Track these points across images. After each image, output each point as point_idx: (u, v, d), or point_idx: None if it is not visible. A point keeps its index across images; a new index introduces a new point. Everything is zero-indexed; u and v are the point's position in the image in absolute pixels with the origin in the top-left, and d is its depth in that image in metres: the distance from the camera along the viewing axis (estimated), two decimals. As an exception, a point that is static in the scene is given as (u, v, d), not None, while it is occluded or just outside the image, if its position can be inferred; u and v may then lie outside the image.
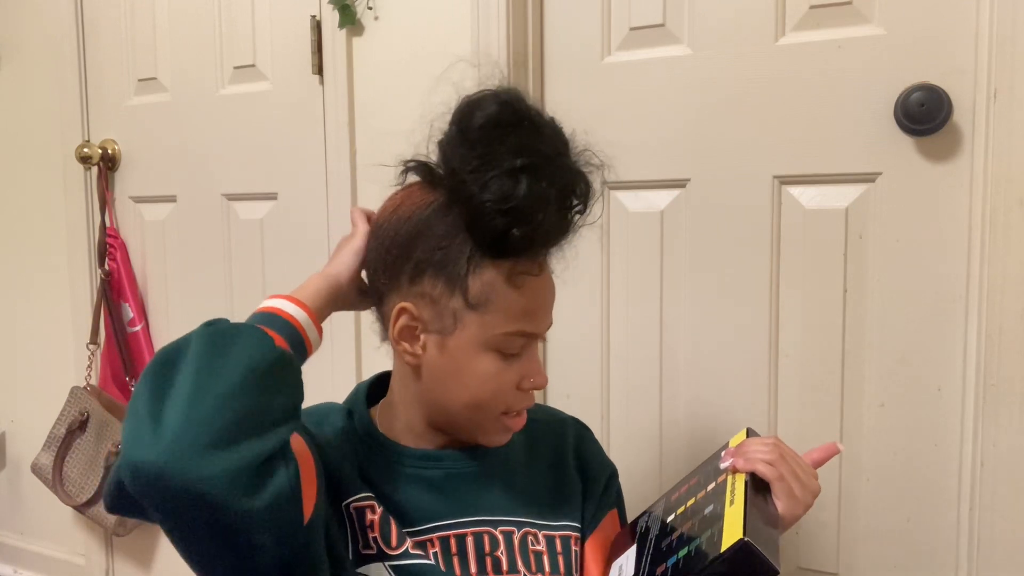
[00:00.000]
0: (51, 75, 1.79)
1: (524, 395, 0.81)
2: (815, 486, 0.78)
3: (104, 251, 1.73)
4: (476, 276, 0.75)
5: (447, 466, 0.84)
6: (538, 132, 0.75)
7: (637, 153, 1.23)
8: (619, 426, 1.29)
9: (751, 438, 0.84)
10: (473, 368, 0.77)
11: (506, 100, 0.75)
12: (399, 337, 0.79)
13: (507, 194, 0.71)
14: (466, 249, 0.75)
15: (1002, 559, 1.05)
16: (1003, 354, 1.02)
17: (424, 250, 0.76)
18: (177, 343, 0.68)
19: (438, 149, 0.79)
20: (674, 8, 1.20)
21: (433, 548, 0.80)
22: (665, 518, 0.84)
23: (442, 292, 0.76)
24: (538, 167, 0.73)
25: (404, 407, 0.85)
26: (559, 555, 0.84)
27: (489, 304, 0.75)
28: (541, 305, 0.80)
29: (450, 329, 0.77)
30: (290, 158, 1.52)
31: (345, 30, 1.40)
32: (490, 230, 0.73)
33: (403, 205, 0.80)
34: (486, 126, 0.74)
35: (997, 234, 1.02)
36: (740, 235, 1.18)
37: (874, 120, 1.09)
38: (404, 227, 0.78)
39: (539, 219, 0.73)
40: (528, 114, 0.75)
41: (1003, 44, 1.00)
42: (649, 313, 1.25)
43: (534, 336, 0.80)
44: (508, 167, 0.72)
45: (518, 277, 0.76)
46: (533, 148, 0.73)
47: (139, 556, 1.80)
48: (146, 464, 0.60)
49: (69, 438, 1.70)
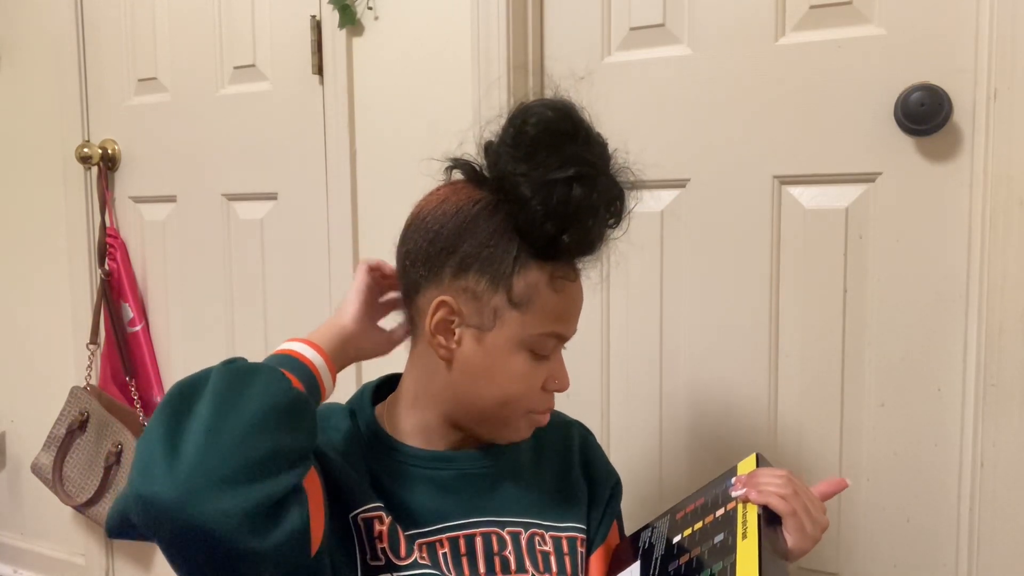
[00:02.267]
0: (51, 75, 1.79)
1: (547, 396, 0.84)
2: (824, 521, 0.79)
3: (104, 251, 1.73)
4: (521, 276, 0.77)
5: (457, 467, 0.84)
6: (589, 144, 0.78)
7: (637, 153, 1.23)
8: (619, 426, 1.29)
9: (763, 468, 0.83)
10: (506, 365, 0.79)
11: (562, 109, 0.77)
12: (435, 330, 0.80)
13: (561, 201, 0.74)
14: (513, 249, 0.77)
15: (1002, 559, 1.05)
16: (1003, 354, 1.02)
17: (471, 246, 0.77)
18: (194, 377, 0.68)
19: (486, 150, 0.80)
20: (674, 8, 1.20)
21: (443, 549, 0.80)
22: (671, 537, 0.83)
23: (485, 289, 0.77)
24: (590, 178, 0.75)
25: (421, 404, 0.85)
26: (566, 556, 0.85)
27: (530, 304, 0.78)
28: (574, 309, 0.83)
29: (489, 325, 0.78)
30: (290, 158, 1.52)
31: (345, 30, 1.40)
32: (542, 234, 0.76)
33: (449, 200, 0.80)
34: (542, 133, 0.76)
35: (997, 234, 1.02)
36: (740, 235, 1.18)
37: (874, 120, 1.09)
38: (451, 222, 0.78)
39: (588, 226, 0.76)
40: (582, 125, 0.78)
41: (1003, 44, 1.00)
42: (649, 313, 1.25)
43: (564, 339, 0.83)
44: (563, 176, 0.74)
45: (558, 281, 0.78)
46: (586, 159, 0.76)
47: (139, 556, 1.80)
48: (158, 498, 0.59)
49: (69, 438, 1.70)
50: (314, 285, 1.51)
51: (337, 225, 1.45)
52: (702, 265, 1.21)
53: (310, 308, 1.52)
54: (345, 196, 1.44)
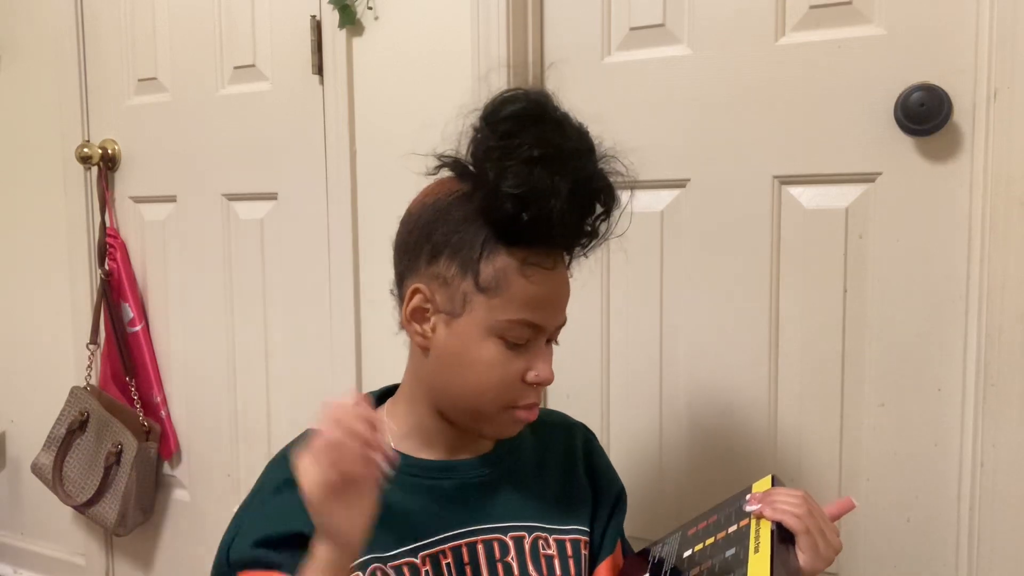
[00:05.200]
0: (51, 75, 1.79)
1: (528, 389, 0.81)
2: (837, 543, 0.78)
3: (104, 251, 1.73)
4: (489, 261, 0.77)
5: (458, 476, 0.84)
6: (560, 129, 0.77)
7: (637, 153, 1.22)
8: (619, 426, 1.29)
9: (779, 488, 0.82)
10: (477, 352, 0.78)
11: (534, 98, 0.77)
12: (411, 317, 0.81)
13: (520, 181, 0.73)
14: (482, 234, 0.77)
15: (1002, 559, 1.05)
16: (1003, 354, 1.02)
17: (442, 233, 0.78)
18: None
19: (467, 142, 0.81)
20: (674, 8, 1.20)
21: (446, 559, 0.80)
22: (681, 552, 0.83)
23: (455, 274, 0.78)
24: (553, 159, 0.74)
25: (415, 400, 0.85)
26: (570, 559, 0.85)
27: (498, 289, 0.77)
28: (550, 299, 0.80)
29: (459, 311, 0.78)
30: (290, 158, 1.52)
31: (345, 30, 1.40)
32: (501, 214, 0.75)
33: (432, 193, 0.82)
34: (510, 119, 0.76)
35: (997, 234, 1.02)
36: (740, 235, 1.18)
37: (874, 120, 1.09)
38: (427, 212, 0.80)
39: (549, 207, 0.74)
40: (553, 112, 0.78)
41: (1003, 44, 1.00)
42: (649, 313, 1.25)
43: (540, 329, 0.80)
44: (525, 156, 0.74)
45: (529, 267, 0.77)
46: (552, 142, 0.75)
47: (139, 556, 1.80)
48: None
49: (69, 438, 1.70)
50: (314, 285, 1.51)
51: (337, 225, 1.45)
52: (702, 265, 1.21)
53: (310, 308, 1.52)
54: (345, 196, 1.44)
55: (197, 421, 1.70)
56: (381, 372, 1.43)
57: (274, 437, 1.60)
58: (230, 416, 1.65)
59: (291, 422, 1.57)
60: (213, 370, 1.65)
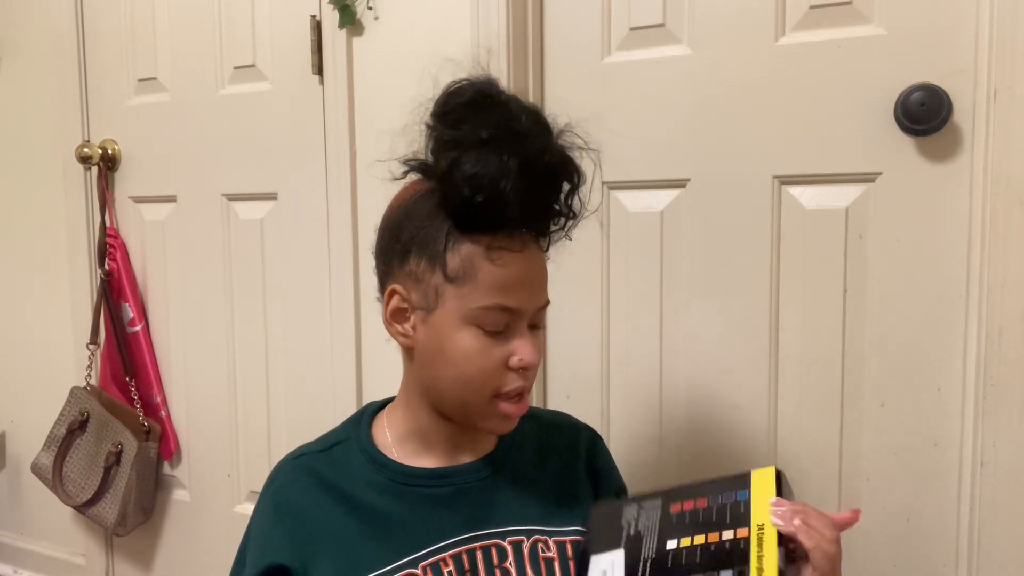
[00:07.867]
0: (51, 75, 1.79)
1: (514, 375, 0.79)
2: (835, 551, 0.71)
3: (104, 251, 1.73)
4: (455, 251, 0.77)
5: (455, 482, 0.84)
6: (508, 110, 0.77)
7: (637, 153, 1.23)
8: (619, 426, 1.29)
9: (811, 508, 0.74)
10: (456, 343, 0.78)
11: (479, 86, 0.78)
12: (392, 319, 0.82)
13: (470, 165, 0.74)
14: (445, 226, 0.77)
15: (1002, 559, 1.05)
16: (1003, 354, 1.02)
17: (409, 231, 0.79)
18: None
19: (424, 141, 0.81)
20: (674, 8, 1.20)
21: (447, 567, 0.80)
22: (664, 539, 0.76)
23: (425, 269, 0.78)
24: (503, 140, 0.75)
25: (411, 403, 0.86)
26: (570, 560, 0.84)
27: (467, 278, 0.77)
28: (522, 281, 0.78)
29: (433, 305, 0.79)
30: (290, 158, 1.52)
31: (345, 30, 1.40)
32: (456, 201, 0.76)
33: (399, 197, 0.84)
34: (457, 108, 0.77)
35: (997, 234, 1.02)
36: (740, 235, 1.18)
37: (874, 120, 1.09)
38: (396, 214, 0.82)
39: (502, 188, 0.74)
40: (499, 97, 0.78)
41: (1003, 44, 1.00)
42: (649, 313, 1.25)
43: (517, 312, 0.79)
44: (474, 141, 0.75)
45: (495, 251, 0.77)
46: (500, 124, 0.76)
47: (139, 556, 1.80)
48: None
49: (69, 438, 1.70)
50: (314, 285, 1.51)
51: (337, 225, 1.45)
52: (702, 265, 1.21)
53: (310, 308, 1.52)
54: (345, 196, 1.44)
55: (197, 421, 1.70)
56: (381, 372, 1.43)
57: (274, 437, 1.60)
58: (230, 416, 1.65)
59: (291, 422, 1.57)
60: (213, 370, 1.65)
